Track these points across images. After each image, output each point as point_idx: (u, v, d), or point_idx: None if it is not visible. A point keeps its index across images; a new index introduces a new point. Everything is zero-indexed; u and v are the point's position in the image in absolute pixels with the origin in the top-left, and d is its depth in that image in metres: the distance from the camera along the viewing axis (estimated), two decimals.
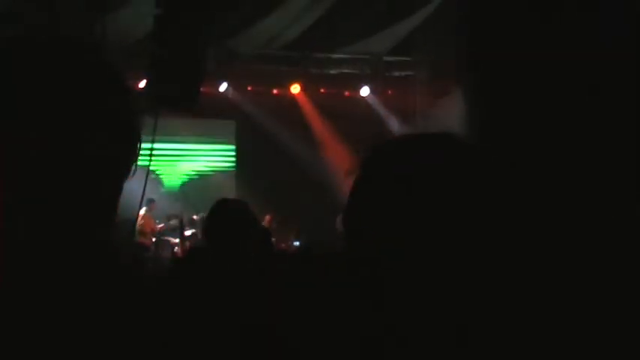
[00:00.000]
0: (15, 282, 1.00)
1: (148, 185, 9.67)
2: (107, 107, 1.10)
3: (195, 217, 14.92)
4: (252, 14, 13.34)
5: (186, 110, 12.18)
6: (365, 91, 16.20)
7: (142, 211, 13.37)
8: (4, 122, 1.03)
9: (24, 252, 1.01)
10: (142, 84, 13.81)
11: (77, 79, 1.08)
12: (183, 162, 16.36)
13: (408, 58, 15.14)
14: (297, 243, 14.25)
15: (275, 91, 16.02)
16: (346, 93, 16.20)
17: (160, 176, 15.60)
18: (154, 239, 14.16)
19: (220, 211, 3.80)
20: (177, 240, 14.33)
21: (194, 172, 15.14)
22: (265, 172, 15.40)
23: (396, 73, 15.41)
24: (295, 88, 15.89)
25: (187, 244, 14.14)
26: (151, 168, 9.61)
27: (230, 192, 16.73)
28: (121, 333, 1.01)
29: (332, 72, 15.74)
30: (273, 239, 9.40)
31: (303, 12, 13.52)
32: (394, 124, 16.49)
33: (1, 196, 1.00)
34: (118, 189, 1.12)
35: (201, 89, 9.64)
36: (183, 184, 15.02)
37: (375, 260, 1.01)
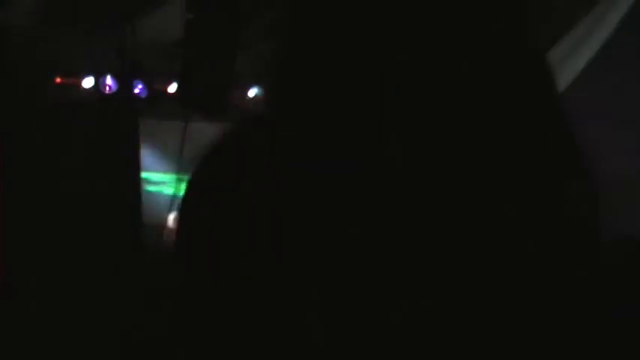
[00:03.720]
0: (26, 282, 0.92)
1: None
2: None
3: None
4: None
5: (217, 115, 12.15)
6: None
7: (172, 217, 13.37)
8: None
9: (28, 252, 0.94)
10: (173, 88, 13.86)
11: None
12: None
13: None
14: None
15: None
16: None
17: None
18: None
19: None
20: None
21: None
22: None
23: None
24: None
25: None
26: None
27: None
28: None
29: None
30: None
31: None
32: None
33: (1, 196, 0.93)
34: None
35: (232, 94, 9.61)
36: None
37: None
